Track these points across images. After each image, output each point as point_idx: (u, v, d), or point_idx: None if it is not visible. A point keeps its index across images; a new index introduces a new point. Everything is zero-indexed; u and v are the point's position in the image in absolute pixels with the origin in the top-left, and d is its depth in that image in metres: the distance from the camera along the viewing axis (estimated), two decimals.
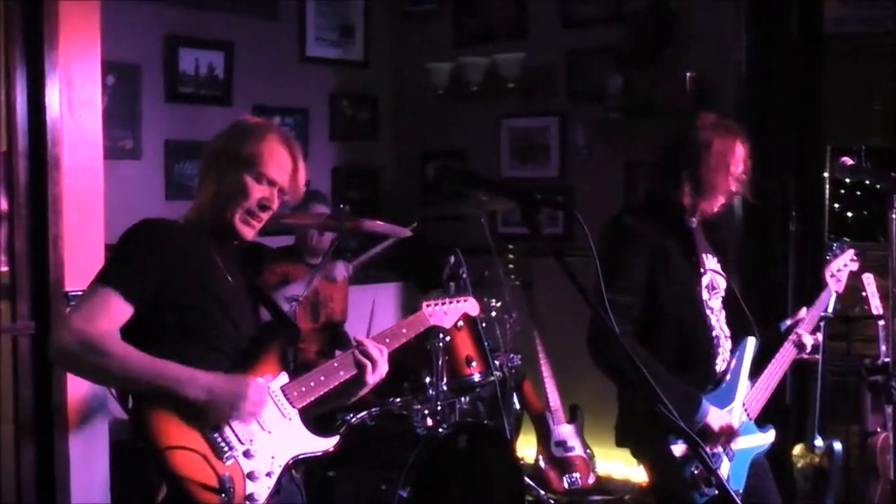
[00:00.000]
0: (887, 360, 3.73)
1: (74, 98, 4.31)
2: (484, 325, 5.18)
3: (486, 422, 5.30)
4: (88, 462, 4.38)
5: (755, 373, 3.65)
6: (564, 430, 5.85)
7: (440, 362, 4.75)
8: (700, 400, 3.41)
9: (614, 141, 6.13)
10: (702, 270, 3.60)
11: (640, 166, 5.99)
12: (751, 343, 3.65)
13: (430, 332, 4.89)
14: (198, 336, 2.86)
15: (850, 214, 5.77)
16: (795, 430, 5.31)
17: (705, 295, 3.59)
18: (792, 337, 3.73)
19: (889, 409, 3.95)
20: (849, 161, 3.75)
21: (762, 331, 3.76)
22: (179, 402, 2.70)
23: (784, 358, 3.71)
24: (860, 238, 5.49)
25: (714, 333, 3.59)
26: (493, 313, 5.55)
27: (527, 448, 5.98)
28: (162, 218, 3.00)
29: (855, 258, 3.98)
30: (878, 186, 3.88)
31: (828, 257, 3.95)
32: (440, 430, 4.62)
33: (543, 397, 5.87)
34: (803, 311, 3.83)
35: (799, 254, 5.62)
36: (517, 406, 5.77)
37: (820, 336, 3.83)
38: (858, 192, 5.82)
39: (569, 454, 5.80)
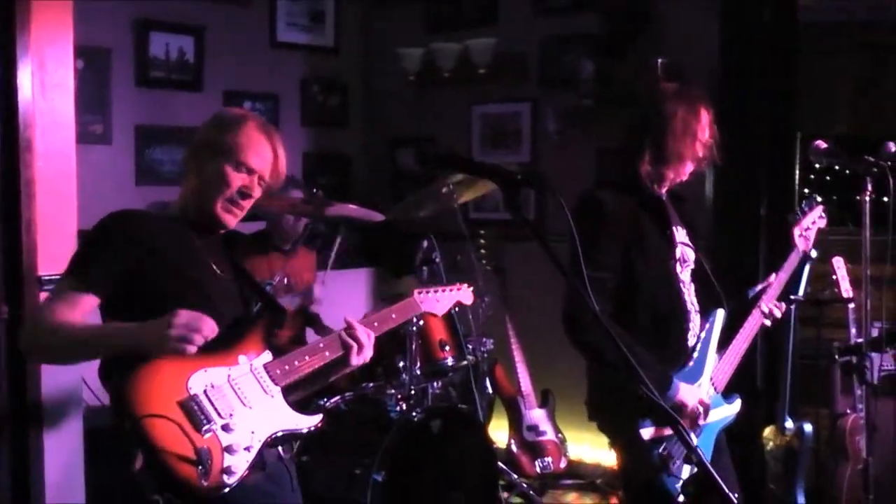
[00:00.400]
0: (859, 340, 3.74)
1: (47, 81, 4.27)
2: (457, 310, 5.18)
3: (459, 406, 5.31)
4: (63, 450, 4.35)
5: (723, 344, 3.64)
6: (536, 415, 5.87)
7: (413, 346, 4.76)
8: (671, 379, 3.41)
9: (587, 128, 6.14)
10: (674, 243, 3.59)
11: (611, 153, 6.00)
12: (719, 315, 3.63)
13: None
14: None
15: (816, 197, 5.82)
16: (766, 412, 5.35)
17: (678, 268, 3.59)
18: (759, 304, 3.74)
19: (860, 391, 3.98)
20: (823, 144, 3.76)
21: (730, 301, 3.73)
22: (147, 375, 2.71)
23: (751, 327, 3.69)
24: (830, 223, 5.53)
25: (686, 307, 3.58)
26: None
27: (499, 432, 6.00)
28: (133, 210, 3.03)
29: (823, 215, 3.93)
30: (847, 171, 3.87)
31: (797, 216, 3.88)
32: (414, 414, 4.64)
33: (515, 382, 5.89)
34: (772, 277, 3.81)
35: (769, 238, 5.65)
36: (489, 390, 5.79)
37: (782, 309, 3.82)
38: (828, 178, 5.87)
39: (540, 438, 5.82)
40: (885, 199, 3.63)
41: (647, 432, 3.38)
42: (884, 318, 4.57)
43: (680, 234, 3.66)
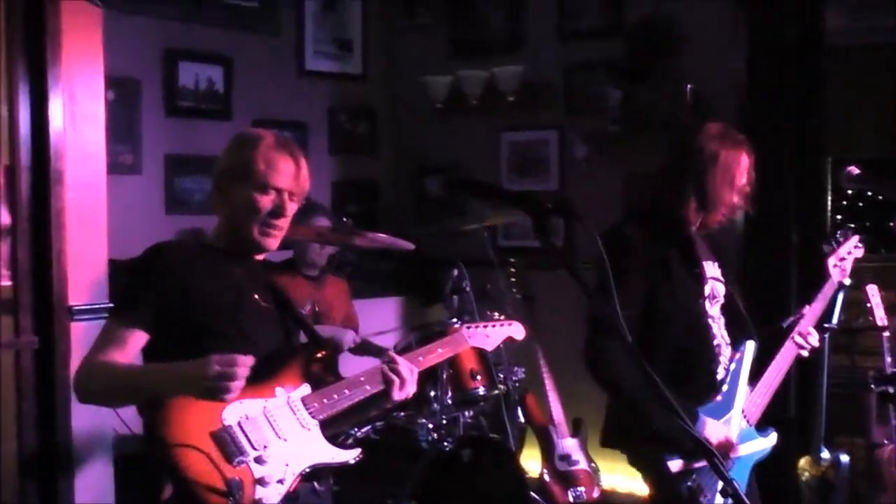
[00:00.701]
0: (895, 369, 3.70)
1: (77, 112, 4.31)
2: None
3: (490, 435, 5.27)
4: (92, 478, 4.35)
5: (755, 376, 3.59)
6: (568, 444, 5.81)
7: (444, 376, 4.74)
8: (696, 415, 3.36)
9: (613, 153, 6.12)
10: (704, 280, 3.56)
11: (639, 178, 5.98)
12: (750, 347, 3.59)
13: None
14: (220, 341, 2.85)
15: (852, 226, 5.76)
16: (799, 442, 5.29)
17: (707, 305, 3.55)
18: (793, 335, 3.67)
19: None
20: (855, 170, 3.73)
21: (761, 332, 3.69)
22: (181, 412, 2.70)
23: (785, 358, 3.63)
24: (866, 250, 5.47)
25: (716, 342, 3.55)
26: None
27: (531, 462, 5.95)
28: (171, 242, 3.07)
29: (860, 245, 3.87)
30: (879, 197, 3.83)
31: (833, 245, 3.83)
32: (445, 443, 4.61)
33: (547, 411, 5.84)
34: (806, 308, 3.76)
35: (801, 266, 5.60)
36: (521, 419, 5.75)
37: (817, 338, 3.77)
38: (861, 204, 5.82)
39: (573, 468, 5.76)
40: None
41: (675, 464, 3.34)
42: None
43: (710, 269, 3.62)
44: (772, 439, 3.62)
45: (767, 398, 3.60)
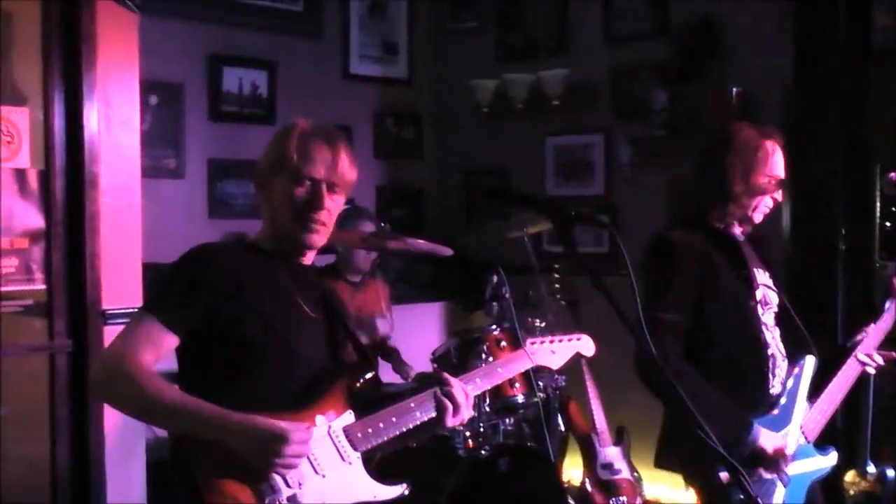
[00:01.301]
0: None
1: (113, 117, 4.32)
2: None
3: (528, 444, 5.21)
4: (125, 482, 4.35)
5: (814, 393, 3.53)
6: (611, 453, 5.74)
7: None
8: (751, 423, 3.31)
9: (659, 157, 6.04)
10: (755, 284, 3.50)
11: (684, 184, 5.90)
12: (809, 362, 3.52)
13: (472, 352, 4.89)
14: (255, 372, 2.65)
15: None
16: (846, 455, 5.18)
17: (759, 310, 3.49)
18: (856, 353, 3.60)
19: None
20: (894, 177, 3.66)
21: (820, 348, 3.62)
22: (217, 446, 2.47)
23: (847, 376, 3.58)
24: None
25: (770, 352, 3.48)
26: (538, 333, 5.48)
27: (573, 470, 5.89)
28: (216, 244, 2.86)
29: None
30: None
31: None
32: (482, 451, 4.56)
33: (589, 419, 5.77)
34: (870, 328, 3.69)
35: (848, 273, 5.48)
36: (562, 427, 5.68)
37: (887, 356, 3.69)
38: None
39: (615, 477, 5.69)
40: None
41: (725, 475, 3.29)
42: None
43: (761, 276, 3.57)
44: (832, 458, 3.56)
45: (828, 416, 3.54)
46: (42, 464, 4.20)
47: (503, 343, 4.82)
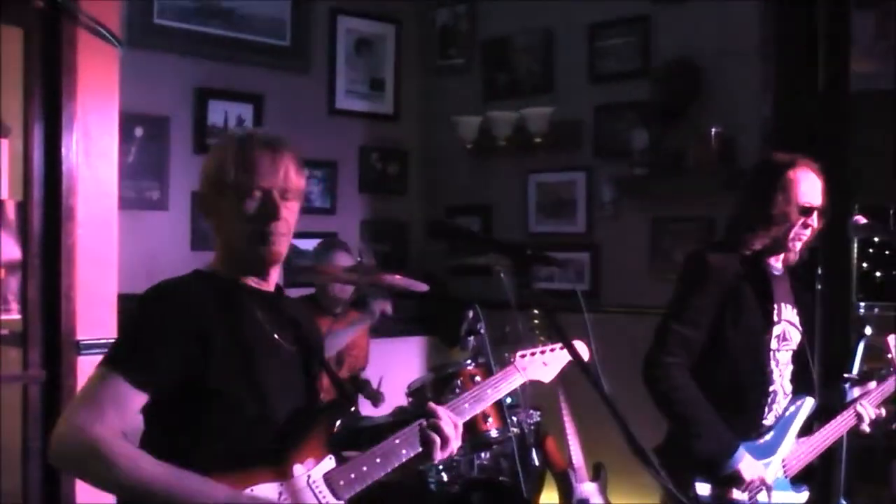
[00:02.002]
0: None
1: (92, 150, 4.35)
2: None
3: (501, 479, 5.23)
4: None
5: (806, 433, 3.64)
6: (587, 489, 5.76)
7: None
8: (737, 446, 3.44)
9: (640, 196, 6.08)
10: (775, 320, 3.61)
11: (666, 222, 5.95)
12: (807, 403, 3.64)
13: (447, 387, 4.91)
14: (226, 427, 2.47)
15: (878, 274, 5.67)
16: (821, 493, 5.19)
17: (773, 345, 3.60)
18: (856, 405, 3.71)
19: None
20: (861, 220, 3.71)
21: (824, 392, 3.75)
22: None
23: (842, 424, 3.68)
24: (890, 299, 5.39)
25: (771, 388, 3.60)
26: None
27: None
28: (175, 284, 2.57)
29: None
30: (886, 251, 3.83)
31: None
32: (454, 486, 4.58)
33: (566, 455, 5.79)
34: (872, 384, 3.81)
35: (825, 315, 5.50)
36: (536, 463, 5.69)
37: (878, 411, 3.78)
38: (887, 252, 5.73)
39: None
40: None
41: (703, 487, 3.45)
42: None
43: (787, 312, 3.70)
44: (803, 497, 3.67)
45: (811, 456, 3.66)
46: (13, 496, 4.20)
47: (478, 378, 4.85)
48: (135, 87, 5.21)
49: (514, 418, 5.12)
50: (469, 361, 4.99)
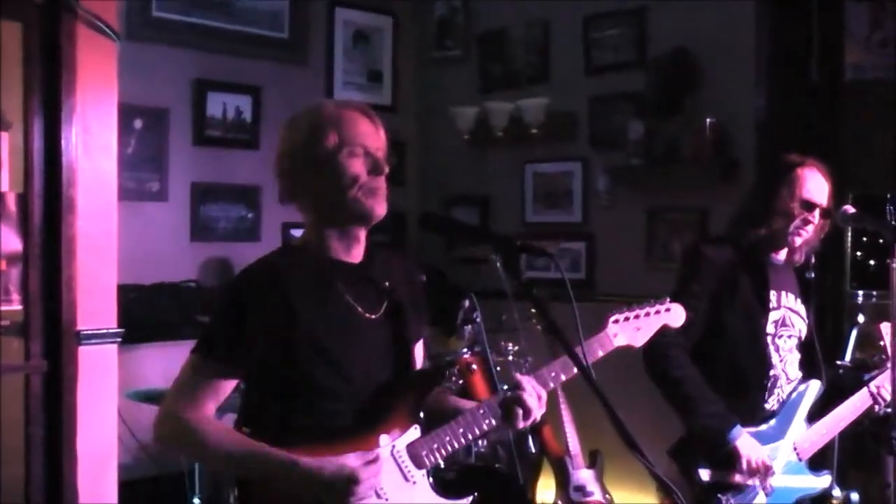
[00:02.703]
0: (889, 411, 3.69)
1: (91, 142, 4.38)
2: (499, 369, 5.18)
3: (497, 466, 5.28)
4: (97, 501, 4.41)
5: (816, 416, 3.69)
6: (584, 475, 5.80)
7: None
8: (735, 422, 3.51)
9: (636, 187, 6.13)
10: (771, 306, 3.68)
11: (661, 212, 6.00)
12: (814, 386, 3.70)
13: (445, 376, 4.96)
14: (314, 403, 2.56)
15: (872, 263, 5.71)
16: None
17: (770, 329, 3.67)
18: (869, 386, 3.76)
19: (891, 461, 3.91)
20: (850, 209, 3.73)
21: (831, 374, 3.84)
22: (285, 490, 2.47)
23: (856, 406, 3.74)
24: (882, 287, 5.41)
25: (773, 373, 3.67)
26: (510, 357, 5.56)
27: (546, 492, 5.95)
28: (267, 263, 2.64)
29: None
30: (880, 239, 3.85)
31: None
32: (451, 473, 4.62)
33: (563, 442, 5.84)
34: (888, 363, 3.79)
35: (818, 303, 5.55)
36: (533, 450, 5.74)
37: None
38: (881, 241, 5.76)
39: (587, 499, 5.74)
40: None
41: (705, 473, 3.51)
42: None
43: (788, 300, 3.77)
44: (824, 481, 3.74)
45: (826, 439, 3.72)
46: (16, 485, 4.25)
47: (474, 367, 4.90)
48: (134, 80, 5.27)
49: None
50: (465, 350, 5.03)
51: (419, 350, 2.90)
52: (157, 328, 5.52)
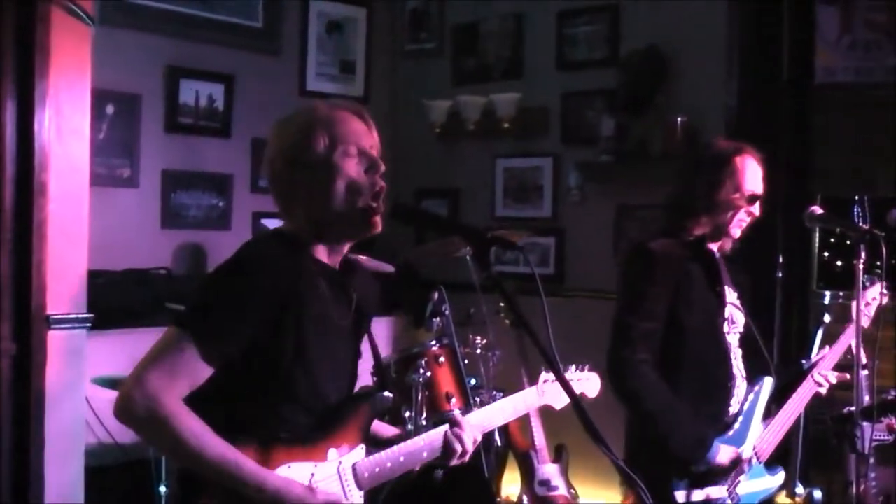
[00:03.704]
0: (851, 409, 3.72)
1: (64, 126, 4.38)
2: (466, 361, 5.20)
3: None
4: (64, 487, 4.41)
5: (769, 413, 3.65)
6: (549, 470, 5.84)
7: (420, 397, 4.78)
8: (711, 440, 3.43)
9: (606, 183, 6.17)
10: (724, 302, 3.61)
11: (631, 209, 6.04)
12: (767, 384, 3.64)
13: (411, 367, 4.98)
14: (279, 403, 2.53)
15: (839, 263, 5.77)
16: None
17: (725, 327, 3.59)
18: (812, 374, 3.72)
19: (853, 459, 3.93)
20: (817, 210, 3.76)
21: (779, 369, 3.76)
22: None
23: (802, 397, 3.70)
24: (849, 287, 5.46)
25: (732, 371, 3.58)
26: (478, 350, 5.59)
27: (511, 486, 5.98)
28: (263, 253, 2.57)
29: (885, 291, 3.84)
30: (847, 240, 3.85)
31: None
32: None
33: (529, 436, 5.87)
34: (826, 350, 3.82)
35: (785, 302, 5.62)
36: (499, 443, 5.78)
37: (835, 377, 3.81)
38: (848, 242, 5.82)
39: (552, 493, 5.78)
40: (878, 263, 3.60)
41: (680, 495, 3.41)
42: None
43: (731, 295, 3.67)
44: (779, 478, 3.69)
45: (780, 437, 3.66)
46: None
47: (441, 359, 4.92)
48: (107, 65, 5.26)
49: (478, 399, 5.19)
50: (433, 342, 5.06)
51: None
52: (126, 314, 5.50)
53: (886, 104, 5.44)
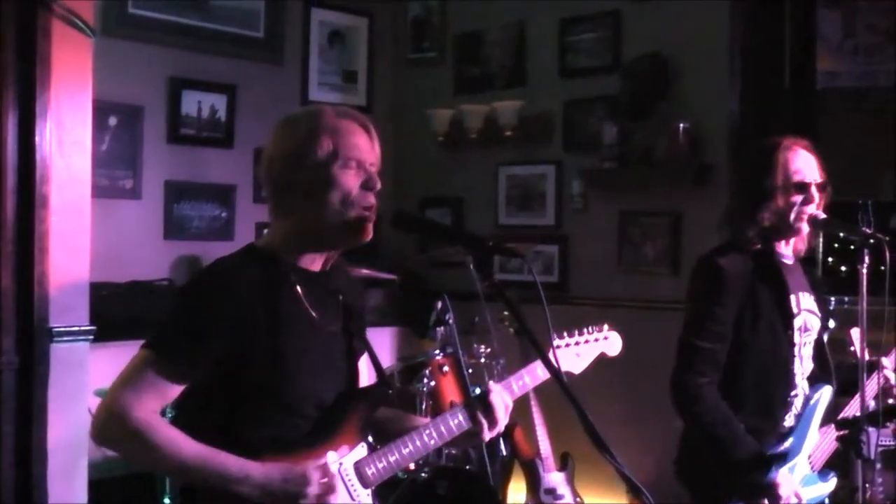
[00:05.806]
0: (857, 414, 3.68)
1: (65, 138, 4.38)
2: (471, 371, 5.18)
3: (468, 467, 5.29)
4: (67, 498, 4.39)
5: (827, 421, 3.57)
6: (554, 478, 5.82)
7: (424, 407, 4.77)
8: (770, 467, 3.38)
9: (609, 190, 6.16)
10: (795, 311, 3.52)
11: (634, 216, 6.03)
12: (826, 392, 3.57)
13: (415, 376, 4.98)
14: (265, 416, 2.49)
15: (843, 269, 5.76)
16: None
17: (796, 339, 3.51)
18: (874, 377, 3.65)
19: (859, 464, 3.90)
20: (821, 215, 3.73)
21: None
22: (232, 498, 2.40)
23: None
24: (853, 293, 5.45)
25: (794, 385, 3.51)
26: (483, 359, 5.57)
27: (517, 495, 5.96)
28: (230, 265, 2.54)
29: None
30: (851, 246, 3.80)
31: None
32: (421, 474, 4.63)
33: (534, 444, 5.85)
34: (885, 359, 3.71)
35: None
36: (504, 452, 5.76)
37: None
38: (852, 247, 5.80)
39: (558, 502, 5.76)
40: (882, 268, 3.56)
41: None
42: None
43: (806, 301, 3.59)
44: (831, 483, 3.61)
45: (835, 444, 3.55)
46: None
47: (445, 368, 4.92)
48: (109, 76, 5.26)
49: None
50: (437, 351, 5.05)
51: (363, 365, 2.80)
52: (129, 327, 5.48)
53: (889, 108, 5.43)
